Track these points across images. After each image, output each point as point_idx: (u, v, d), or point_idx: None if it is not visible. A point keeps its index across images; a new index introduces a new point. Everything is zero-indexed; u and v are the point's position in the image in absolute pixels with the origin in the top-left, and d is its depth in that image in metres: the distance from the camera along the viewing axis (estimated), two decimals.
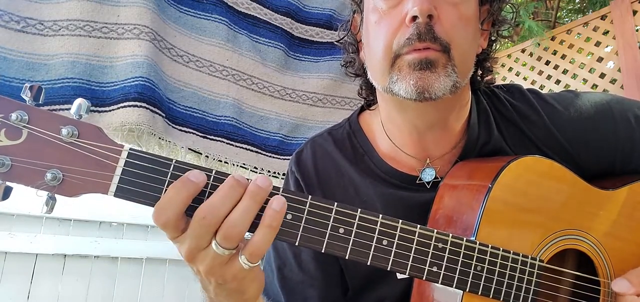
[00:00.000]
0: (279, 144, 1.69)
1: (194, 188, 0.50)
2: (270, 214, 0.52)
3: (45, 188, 0.49)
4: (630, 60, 2.70)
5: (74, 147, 0.50)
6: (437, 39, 0.67)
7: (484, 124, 0.82)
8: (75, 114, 0.50)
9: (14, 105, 0.49)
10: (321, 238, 0.55)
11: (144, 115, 1.31)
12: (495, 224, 0.65)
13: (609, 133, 0.80)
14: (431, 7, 0.66)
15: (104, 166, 0.50)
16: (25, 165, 0.48)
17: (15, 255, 1.94)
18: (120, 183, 0.50)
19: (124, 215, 2.30)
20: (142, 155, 0.51)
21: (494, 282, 0.62)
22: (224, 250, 0.51)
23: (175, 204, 0.50)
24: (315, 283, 0.82)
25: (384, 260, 0.57)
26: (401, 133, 0.82)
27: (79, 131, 0.50)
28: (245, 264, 0.53)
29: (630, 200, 0.75)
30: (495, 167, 0.69)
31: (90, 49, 1.32)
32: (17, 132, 0.48)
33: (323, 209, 0.55)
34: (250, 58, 1.68)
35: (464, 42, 0.70)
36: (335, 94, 1.81)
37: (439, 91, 0.68)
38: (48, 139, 0.49)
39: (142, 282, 2.28)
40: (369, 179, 0.83)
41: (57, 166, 0.49)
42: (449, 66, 0.68)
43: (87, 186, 0.50)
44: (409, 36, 0.67)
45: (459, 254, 0.60)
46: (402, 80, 0.69)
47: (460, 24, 0.69)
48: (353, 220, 0.56)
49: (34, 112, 0.49)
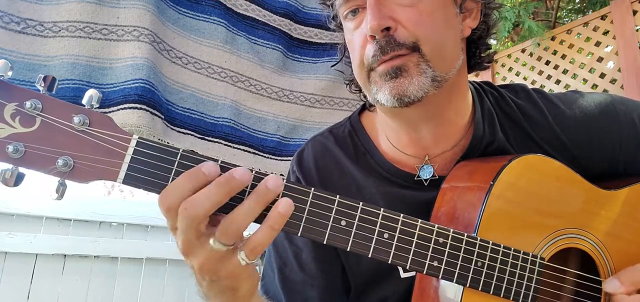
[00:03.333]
0: (276, 145, 1.69)
1: (204, 180, 0.50)
2: (275, 217, 0.52)
3: (56, 174, 0.50)
4: (630, 60, 2.70)
5: (85, 135, 0.51)
6: (401, 45, 0.68)
7: (488, 123, 0.82)
8: (87, 103, 0.52)
9: (29, 94, 0.50)
10: (323, 230, 0.56)
11: (143, 117, 1.31)
12: (497, 221, 0.66)
13: (613, 134, 0.80)
14: (383, 20, 0.68)
15: (114, 153, 0.51)
16: (38, 151, 0.50)
17: (15, 255, 1.94)
18: (128, 171, 0.52)
19: (124, 215, 2.30)
20: (151, 144, 0.52)
21: (494, 278, 0.63)
22: (220, 245, 0.51)
23: (181, 192, 0.50)
24: (316, 283, 0.82)
25: (385, 253, 0.58)
26: (398, 135, 0.83)
27: (90, 120, 0.51)
28: (243, 260, 0.53)
29: (632, 200, 0.75)
30: (497, 165, 0.69)
31: (90, 51, 1.33)
32: (31, 119, 0.50)
33: (325, 200, 0.56)
34: (248, 60, 1.69)
35: (433, 34, 0.70)
36: (333, 95, 1.82)
37: (418, 92, 0.69)
38: (60, 127, 0.50)
39: (142, 282, 2.29)
40: (370, 177, 0.83)
41: (69, 153, 0.50)
42: (423, 63, 0.69)
43: (97, 173, 0.51)
44: (373, 53, 0.70)
45: (459, 249, 0.61)
46: (379, 91, 0.71)
47: (424, 20, 0.69)
48: (355, 212, 0.57)
49: (48, 100, 0.51)
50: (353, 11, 0.75)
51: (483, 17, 0.80)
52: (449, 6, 0.74)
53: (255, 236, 0.53)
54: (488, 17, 0.81)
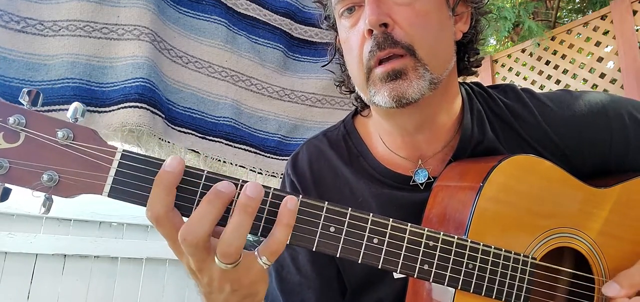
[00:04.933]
0: (277, 145, 1.69)
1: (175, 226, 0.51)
2: (286, 213, 0.53)
3: (41, 189, 0.50)
4: (630, 60, 2.70)
5: (69, 150, 0.51)
6: (397, 43, 0.69)
7: (477, 123, 0.82)
8: (72, 117, 0.52)
9: (12, 109, 0.50)
10: (312, 237, 0.56)
11: (144, 116, 1.31)
12: (487, 222, 0.66)
13: (603, 132, 0.80)
14: (382, 16, 0.68)
15: (98, 167, 0.51)
16: (23, 167, 0.49)
17: (15, 255, 1.94)
18: (113, 184, 0.51)
19: (124, 215, 2.31)
20: (135, 156, 0.52)
21: (486, 279, 0.63)
22: (227, 265, 0.52)
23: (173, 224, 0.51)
24: (313, 285, 0.83)
25: (375, 258, 0.58)
26: (393, 137, 0.83)
27: (74, 134, 0.51)
28: (265, 264, 0.54)
29: (623, 198, 0.75)
30: (487, 166, 0.69)
31: (91, 50, 1.33)
32: (15, 135, 0.50)
33: (314, 208, 0.56)
34: (249, 59, 1.69)
35: (427, 37, 0.71)
36: (334, 94, 1.81)
37: (416, 94, 0.70)
38: (44, 142, 0.50)
39: (142, 282, 2.28)
40: (363, 180, 0.84)
41: (53, 168, 0.50)
42: (420, 67, 0.70)
43: (82, 187, 0.51)
44: (370, 49, 0.70)
45: (450, 252, 0.61)
46: (378, 93, 0.71)
47: (419, 21, 0.70)
48: (344, 218, 0.57)
49: (31, 115, 0.50)
50: (349, 9, 0.75)
51: (473, 22, 0.82)
52: (443, 8, 0.75)
53: (272, 239, 0.53)
54: (477, 22, 0.83)
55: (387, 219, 0.58)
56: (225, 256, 0.51)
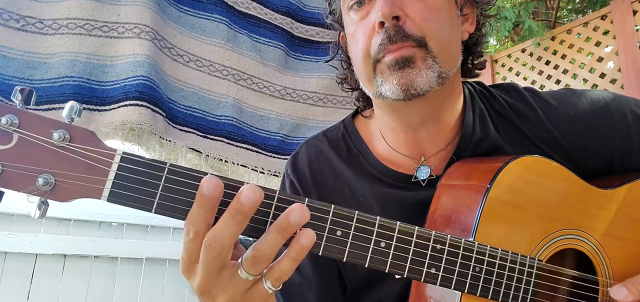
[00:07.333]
0: (279, 144, 1.68)
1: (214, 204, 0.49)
2: (297, 249, 0.50)
3: (37, 193, 0.47)
4: (630, 60, 2.70)
5: (65, 152, 0.48)
6: (409, 36, 0.68)
7: (479, 121, 0.82)
8: (67, 116, 0.49)
9: (4, 108, 0.47)
10: (319, 241, 0.54)
11: (145, 114, 1.30)
12: (494, 224, 0.65)
13: (606, 130, 0.80)
14: (394, 9, 0.68)
15: (97, 170, 0.49)
16: (17, 170, 0.47)
17: (15, 255, 1.94)
18: (113, 188, 0.49)
19: (124, 215, 2.30)
20: (136, 159, 0.49)
21: (492, 283, 0.62)
22: (248, 275, 0.50)
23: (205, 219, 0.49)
24: (313, 286, 0.83)
25: (382, 262, 0.56)
26: (396, 134, 0.83)
27: (71, 135, 0.48)
28: (270, 289, 0.52)
29: (629, 199, 0.74)
30: (494, 167, 0.68)
31: (91, 48, 1.32)
32: (7, 136, 0.47)
33: (320, 211, 0.54)
34: (250, 58, 1.68)
35: (440, 31, 0.71)
36: (336, 93, 1.81)
37: (424, 85, 0.69)
38: (39, 143, 0.47)
39: (142, 282, 2.28)
40: (364, 179, 0.83)
41: (49, 171, 0.48)
42: (429, 58, 0.69)
43: (79, 191, 0.48)
44: (381, 42, 0.69)
45: (457, 255, 0.60)
46: (386, 83, 0.70)
47: (432, 15, 0.70)
48: (350, 222, 0.55)
49: (25, 115, 0.48)
50: (359, 2, 0.75)
51: (479, 24, 0.83)
52: (453, 7, 0.75)
53: (278, 266, 0.51)
54: (482, 25, 0.84)
55: (394, 222, 0.57)
56: (252, 267, 0.50)
